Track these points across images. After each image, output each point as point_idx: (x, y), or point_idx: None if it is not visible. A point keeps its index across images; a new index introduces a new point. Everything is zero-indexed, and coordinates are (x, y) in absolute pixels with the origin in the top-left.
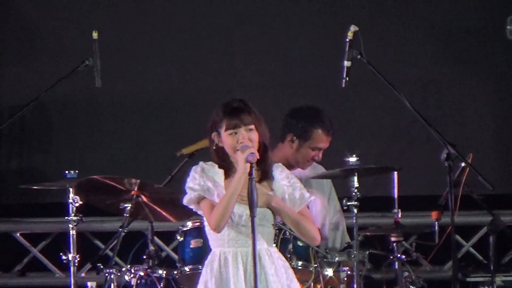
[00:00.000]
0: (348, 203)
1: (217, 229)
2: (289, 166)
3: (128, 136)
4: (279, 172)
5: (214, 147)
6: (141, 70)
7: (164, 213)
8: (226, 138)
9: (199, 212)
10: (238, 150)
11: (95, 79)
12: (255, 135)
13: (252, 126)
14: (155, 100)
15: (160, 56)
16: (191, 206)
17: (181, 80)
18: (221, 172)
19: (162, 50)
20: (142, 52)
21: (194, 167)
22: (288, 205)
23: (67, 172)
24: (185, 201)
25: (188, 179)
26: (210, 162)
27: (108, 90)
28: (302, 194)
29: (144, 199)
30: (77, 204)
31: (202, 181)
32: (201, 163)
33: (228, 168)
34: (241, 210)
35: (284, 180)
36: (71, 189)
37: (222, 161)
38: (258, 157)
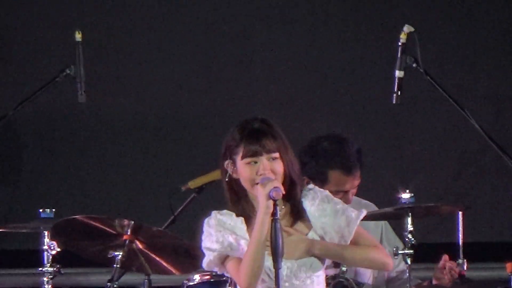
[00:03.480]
0: (400, 252)
1: None
2: None
3: (120, 165)
4: (310, 202)
5: (227, 179)
6: (136, 83)
7: (164, 264)
8: (243, 168)
9: (226, 274)
10: (257, 183)
11: (78, 92)
12: (279, 166)
13: (277, 154)
14: (154, 120)
15: (161, 65)
16: (215, 269)
17: (187, 96)
18: (240, 221)
19: (164, 57)
20: (138, 59)
21: (206, 221)
22: (337, 240)
23: (41, 210)
24: (205, 265)
25: (203, 237)
26: (225, 211)
27: (94, 106)
28: (348, 217)
29: (140, 245)
30: (53, 252)
31: (220, 237)
32: (213, 213)
33: (247, 213)
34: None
35: (319, 209)
36: (46, 233)
37: (237, 197)
38: (284, 193)
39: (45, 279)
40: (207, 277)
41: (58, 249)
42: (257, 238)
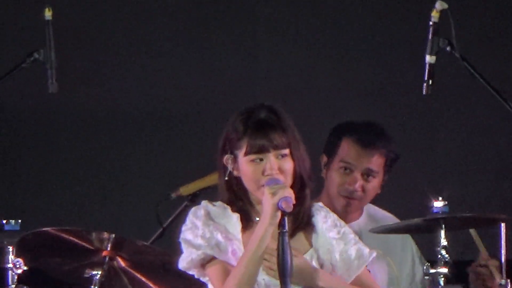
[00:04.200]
0: (432, 271)
1: None
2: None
3: (98, 168)
4: (323, 219)
5: (227, 178)
6: (118, 70)
7: (150, 284)
8: (246, 166)
9: (204, 280)
10: (263, 185)
11: (48, 81)
12: (289, 165)
13: (286, 151)
14: (139, 115)
15: (148, 50)
16: (191, 272)
17: (177, 86)
18: (236, 217)
19: (151, 41)
20: (120, 42)
21: (193, 210)
22: (341, 271)
23: (4, 222)
24: (181, 263)
25: (184, 228)
26: (219, 203)
27: (67, 98)
28: (359, 250)
29: (122, 263)
30: (19, 271)
31: (207, 232)
32: (203, 203)
33: (246, 211)
34: (268, 280)
35: (331, 230)
36: (10, 248)
37: (237, 199)
38: (294, 202)
39: None
40: None
41: (25, 268)
42: (253, 250)
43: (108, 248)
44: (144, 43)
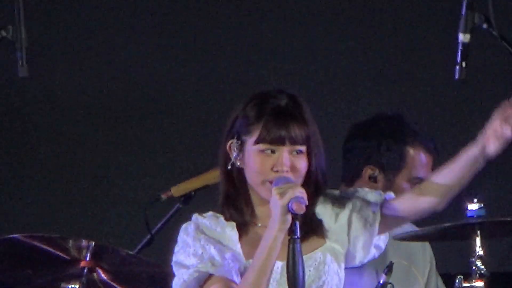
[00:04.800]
0: (465, 285)
1: None
2: None
3: (75, 165)
4: (322, 207)
5: (229, 167)
6: (99, 51)
7: None
8: (253, 156)
9: None
10: (270, 182)
11: (18, 63)
12: (302, 163)
13: (303, 148)
14: (123, 103)
15: (133, 27)
16: None
17: (168, 69)
18: (231, 227)
19: (137, 18)
20: (100, 20)
21: (183, 227)
22: (362, 227)
23: None
24: (176, 287)
25: (176, 249)
26: (210, 213)
27: (40, 83)
28: (365, 200)
29: (103, 275)
30: None
31: (199, 248)
32: (194, 217)
33: (242, 215)
34: None
35: (334, 212)
36: None
37: (235, 193)
38: (307, 203)
39: None
40: None
41: None
42: (262, 262)
43: (87, 258)
44: (130, 22)
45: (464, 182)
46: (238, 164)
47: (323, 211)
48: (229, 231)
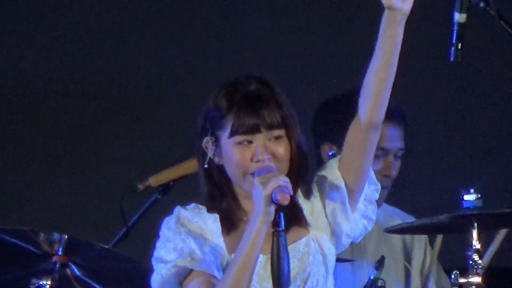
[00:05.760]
0: (462, 280)
1: None
2: None
3: (47, 154)
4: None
5: (206, 165)
6: (75, 32)
7: None
8: (230, 150)
9: None
10: (251, 174)
11: None
12: (284, 148)
13: (281, 132)
14: (98, 87)
15: (110, 7)
16: None
17: (147, 51)
18: (213, 219)
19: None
20: (85, 7)
21: (165, 221)
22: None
23: None
24: (154, 283)
25: (157, 244)
26: (193, 205)
27: (10, 66)
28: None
29: (76, 270)
30: None
31: (179, 242)
32: (176, 209)
33: (228, 209)
34: None
35: (311, 198)
36: None
37: (218, 194)
38: (292, 193)
39: None
40: None
41: None
42: (244, 255)
43: (59, 253)
44: (108, 4)
45: (390, 61)
46: (217, 160)
47: (301, 201)
48: (211, 224)
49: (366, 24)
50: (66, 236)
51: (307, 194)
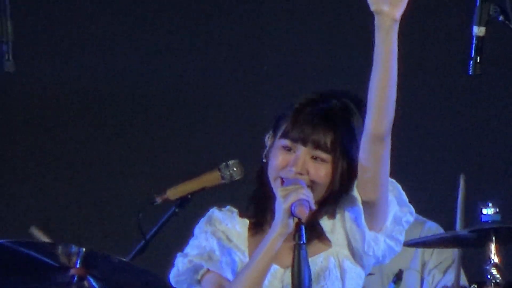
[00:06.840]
0: None
1: None
2: None
3: (64, 166)
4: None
5: (264, 159)
6: (91, 46)
7: None
8: (275, 150)
9: None
10: (281, 180)
11: (4, 57)
12: (324, 174)
13: (327, 157)
14: (115, 100)
15: (127, 21)
16: None
17: (164, 63)
18: (241, 223)
19: (130, 7)
20: (91, 12)
21: (200, 220)
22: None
23: None
24: (173, 279)
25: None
26: (228, 207)
27: (27, 79)
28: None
29: (94, 283)
30: None
31: (203, 240)
32: (211, 210)
33: (261, 214)
34: None
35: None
36: None
37: (262, 193)
38: (314, 209)
39: None
40: None
41: None
42: (256, 263)
43: (77, 265)
44: (122, 17)
45: (387, 68)
46: (265, 158)
47: (325, 219)
48: (239, 228)
49: (370, 26)
50: (84, 249)
51: (333, 215)
